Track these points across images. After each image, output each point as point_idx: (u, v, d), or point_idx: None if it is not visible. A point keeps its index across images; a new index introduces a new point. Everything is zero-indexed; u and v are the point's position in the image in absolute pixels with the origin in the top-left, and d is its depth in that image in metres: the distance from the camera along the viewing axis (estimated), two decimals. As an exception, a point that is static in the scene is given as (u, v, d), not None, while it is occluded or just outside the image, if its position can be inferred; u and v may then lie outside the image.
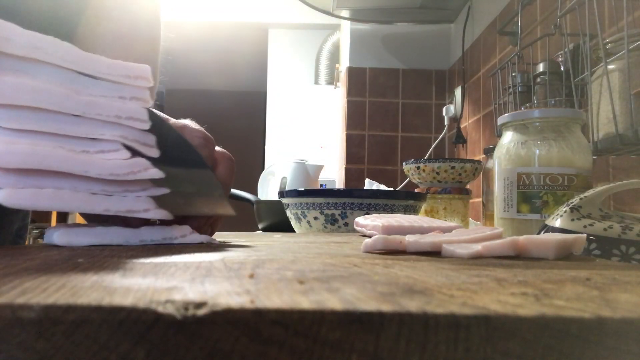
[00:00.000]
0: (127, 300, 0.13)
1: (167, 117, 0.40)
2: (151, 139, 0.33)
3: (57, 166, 0.28)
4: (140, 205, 0.31)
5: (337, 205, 0.80)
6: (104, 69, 0.31)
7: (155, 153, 0.33)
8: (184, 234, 0.35)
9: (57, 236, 0.31)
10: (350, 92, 1.90)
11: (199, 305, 0.12)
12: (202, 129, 0.42)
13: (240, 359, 0.12)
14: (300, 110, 2.71)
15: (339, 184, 2.07)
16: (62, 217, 3.46)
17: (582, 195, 0.46)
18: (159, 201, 0.32)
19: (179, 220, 0.36)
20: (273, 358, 0.12)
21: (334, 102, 2.34)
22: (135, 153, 0.31)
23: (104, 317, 0.12)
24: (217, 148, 0.42)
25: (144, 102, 0.33)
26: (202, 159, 0.38)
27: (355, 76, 1.90)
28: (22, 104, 0.27)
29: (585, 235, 0.33)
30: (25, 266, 0.20)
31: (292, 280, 0.17)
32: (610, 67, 0.60)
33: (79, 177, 0.29)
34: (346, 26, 1.99)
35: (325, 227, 0.82)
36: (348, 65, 1.92)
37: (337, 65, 2.33)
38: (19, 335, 0.12)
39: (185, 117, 0.43)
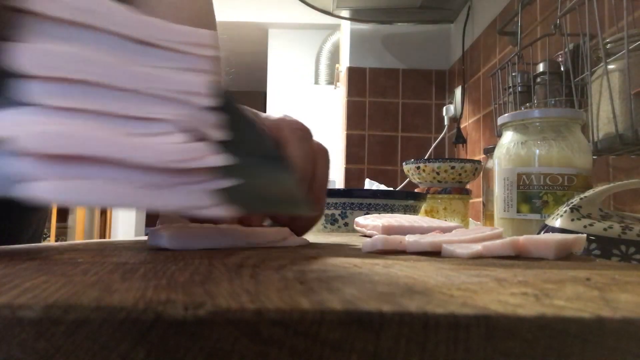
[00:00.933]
0: (127, 300, 0.13)
1: (258, 112, 0.37)
2: (216, 119, 0.28)
3: (100, 151, 0.23)
4: (201, 200, 0.25)
5: (337, 205, 0.80)
6: (160, 33, 0.26)
7: (221, 136, 0.27)
8: (285, 237, 0.33)
9: (166, 240, 0.28)
10: (350, 92, 1.90)
11: (199, 305, 0.12)
12: (299, 120, 0.38)
13: (240, 359, 0.12)
14: (300, 110, 2.71)
15: (339, 184, 2.07)
16: (63, 216, 3.45)
17: (582, 195, 0.46)
18: (225, 196, 0.26)
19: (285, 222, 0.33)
20: (273, 358, 0.12)
21: (334, 102, 2.34)
22: (196, 136, 0.26)
23: (104, 317, 0.12)
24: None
25: (208, 74, 0.28)
26: (278, 147, 0.33)
27: (355, 76, 1.90)
28: (64, 76, 0.23)
29: (585, 235, 0.33)
30: (25, 266, 0.20)
31: (292, 280, 0.17)
32: (610, 67, 0.60)
33: (123, 165, 0.23)
34: (346, 26, 1.99)
35: (325, 227, 0.82)
36: (348, 65, 1.92)
37: (337, 65, 2.33)
38: (19, 335, 0.12)
39: None
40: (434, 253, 0.29)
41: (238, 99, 0.31)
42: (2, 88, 0.22)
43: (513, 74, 0.89)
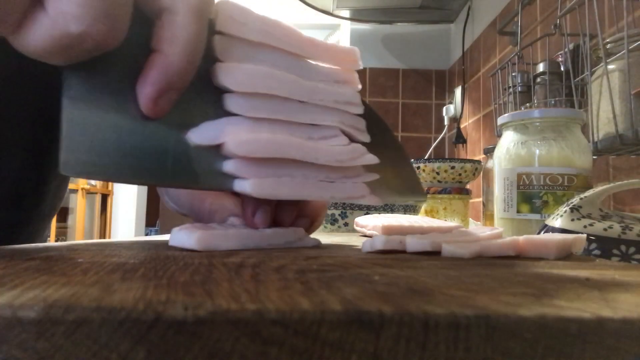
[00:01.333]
0: (127, 300, 0.13)
1: None
2: (362, 123, 0.32)
3: (293, 154, 0.27)
4: (358, 191, 0.31)
5: (337, 205, 0.80)
6: (317, 51, 0.30)
7: (367, 138, 0.32)
8: (300, 237, 0.33)
9: (196, 240, 0.27)
10: (350, 92, 1.89)
11: (199, 305, 0.12)
12: None
13: (240, 359, 0.12)
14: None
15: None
16: (63, 216, 3.45)
17: (582, 195, 0.46)
18: (370, 187, 0.32)
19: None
20: (273, 358, 0.12)
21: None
22: (351, 139, 0.31)
23: (104, 317, 0.12)
24: None
25: (356, 85, 0.32)
26: (400, 144, 0.38)
27: (355, 76, 1.90)
28: (258, 91, 0.27)
29: (585, 235, 0.33)
30: (25, 266, 0.20)
31: (292, 280, 0.17)
32: (610, 67, 0.60)
33: (307, 164, 0.29)
34: (346, 26, 1.99)
35: (325, 227, 0.82)
36: (348, 65, 1.92)
37: (337, 65, 2.33)
38: (19, 335, 0.12)
39: None
40: (434, 253, 0.29)
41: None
42: (218, 101, 0.26)
43: (513, 74, 0.89)
